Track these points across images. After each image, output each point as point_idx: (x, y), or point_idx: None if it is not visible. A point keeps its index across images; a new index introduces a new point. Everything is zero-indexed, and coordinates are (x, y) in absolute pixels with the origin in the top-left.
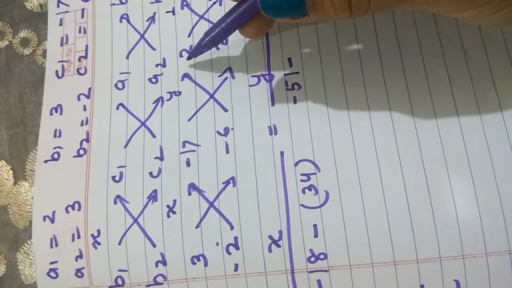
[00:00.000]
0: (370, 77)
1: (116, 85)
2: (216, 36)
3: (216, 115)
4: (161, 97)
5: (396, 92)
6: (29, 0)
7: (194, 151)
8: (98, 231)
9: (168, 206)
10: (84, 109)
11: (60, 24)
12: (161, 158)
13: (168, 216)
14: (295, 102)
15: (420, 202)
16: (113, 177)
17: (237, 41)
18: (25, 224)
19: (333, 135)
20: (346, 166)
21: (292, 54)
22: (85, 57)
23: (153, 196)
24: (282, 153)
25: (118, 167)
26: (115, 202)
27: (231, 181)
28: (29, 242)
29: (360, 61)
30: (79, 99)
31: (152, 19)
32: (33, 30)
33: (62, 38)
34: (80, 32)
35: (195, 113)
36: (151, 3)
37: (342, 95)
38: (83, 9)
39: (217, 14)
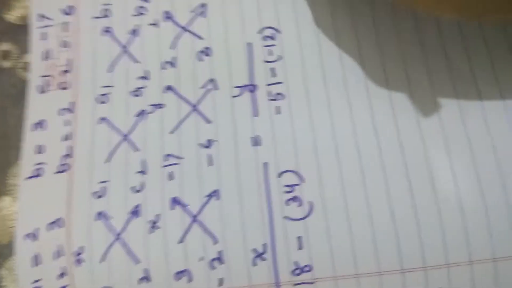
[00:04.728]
0: (353, 86)
1: (99, 99)
2: None
3: (199, 127)
4: (144, 110)
5: (380, 101)
6: (9, 12)
7: (177, 164)
8: (82, 248)
9: (151, 221)
10: (67, 124)
11: (43, 38)
12: (144, 172)
13: (152, 231)
14: (278, 112)
15: (404, 213)
16: (96, 193)
17: (220, 52)
18: (9, 240)
19: (317, 144)
20: (330, 176)
21: (275, 64)
22: (68, 71)
23: (136, 211)
24: (265, 165)
25: (101, 182)
26: (98, 218)
27: (214, 194)
28: (12, 258)
29: (343, 70)
30: (62, 114)
31: (135, 31)
32: (13, 42)
33: (44, 53)
34: (63, 46)
35: (178, 125)
36: (134, 15)
37: (325, 104)
38: (65, 23)
39: (201, 26)
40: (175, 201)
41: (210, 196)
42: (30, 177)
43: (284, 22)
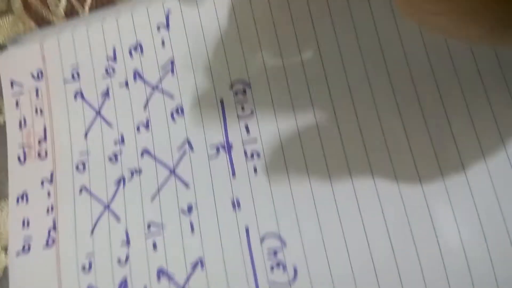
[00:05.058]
0: (328, 142)
1: (77, 167)
2: None
3: (178, 192)
4: (123, 177)
5: (356, 158)
6: None
7: (159, 233)
8: None
9: None
10: (49, 195)
11: (17, 106)
12: (127, 243)
13: None
14: (255, 172)
15: (388, 271)
16: (83, 266)
17: (192, 110)
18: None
19: (296, 205)
20: (312, 238)
21: (249, 120)
22: (44, 139)
23: (123, 285)
24: (247, 229)
25: (87, 255)
26: None
27: (199, 262)
28: None
29: (317, 124)
30: (42, 185)
31: (106, 94)
32: None
33: (20, 121)
34: (36, 113)
35: (158, 192)
36: (103, 77)
37: (301, 161)
38: (37, 89)
39: (170, 84)
40: (161, 272)
41: (195, 264)
42: (19, 253)
43: (254, 75)
